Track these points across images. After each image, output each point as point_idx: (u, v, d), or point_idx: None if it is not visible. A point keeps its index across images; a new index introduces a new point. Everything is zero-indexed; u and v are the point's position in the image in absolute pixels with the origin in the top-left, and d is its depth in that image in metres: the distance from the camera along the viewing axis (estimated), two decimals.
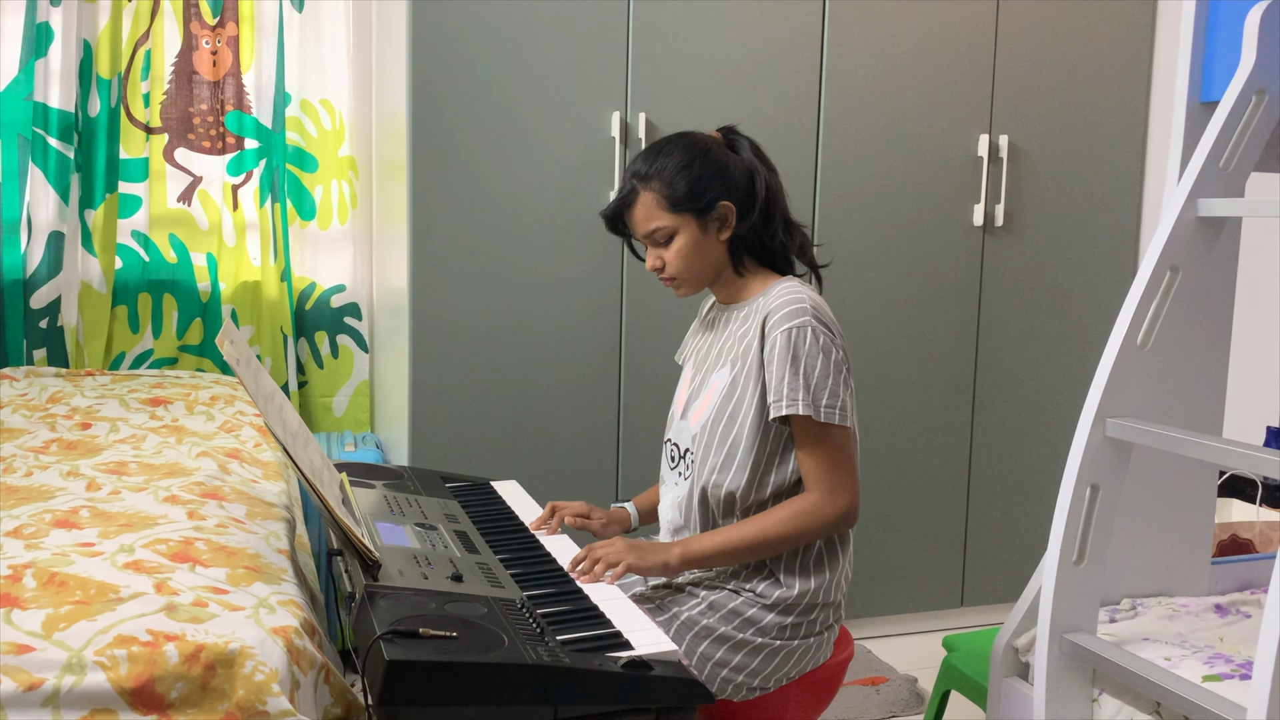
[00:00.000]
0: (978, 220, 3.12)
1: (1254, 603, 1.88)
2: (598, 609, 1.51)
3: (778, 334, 1.69)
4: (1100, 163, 3.24)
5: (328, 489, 1.57)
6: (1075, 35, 3.16)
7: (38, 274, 2.91)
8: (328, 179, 3.18)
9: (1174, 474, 1.88)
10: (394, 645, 1.25)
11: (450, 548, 1.68)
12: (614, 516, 1.98)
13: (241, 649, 1.32)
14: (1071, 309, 3.27)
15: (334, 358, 3.23)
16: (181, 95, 3.05)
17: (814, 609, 1.76)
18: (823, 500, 1.70)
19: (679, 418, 1.88)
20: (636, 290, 2.83)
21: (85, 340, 2.99)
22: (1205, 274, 1.81)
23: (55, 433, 2.30)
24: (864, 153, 3.01)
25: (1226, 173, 1.65)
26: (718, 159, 1.76)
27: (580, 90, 2.74)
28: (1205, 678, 1.53)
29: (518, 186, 2.72)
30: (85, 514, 1.74)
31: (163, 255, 3.07)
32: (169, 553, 1.57)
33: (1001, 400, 3.23)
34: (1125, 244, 3.29)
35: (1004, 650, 1.81)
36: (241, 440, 2.37)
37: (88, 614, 1.34)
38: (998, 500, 3.27)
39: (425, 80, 2.62)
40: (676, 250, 1.77)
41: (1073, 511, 1.59)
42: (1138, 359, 1.61)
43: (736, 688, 1.73)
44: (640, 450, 2.87)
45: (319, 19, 3.12)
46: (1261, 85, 1.63)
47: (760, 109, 2.89)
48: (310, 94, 3.14)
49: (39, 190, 2.89)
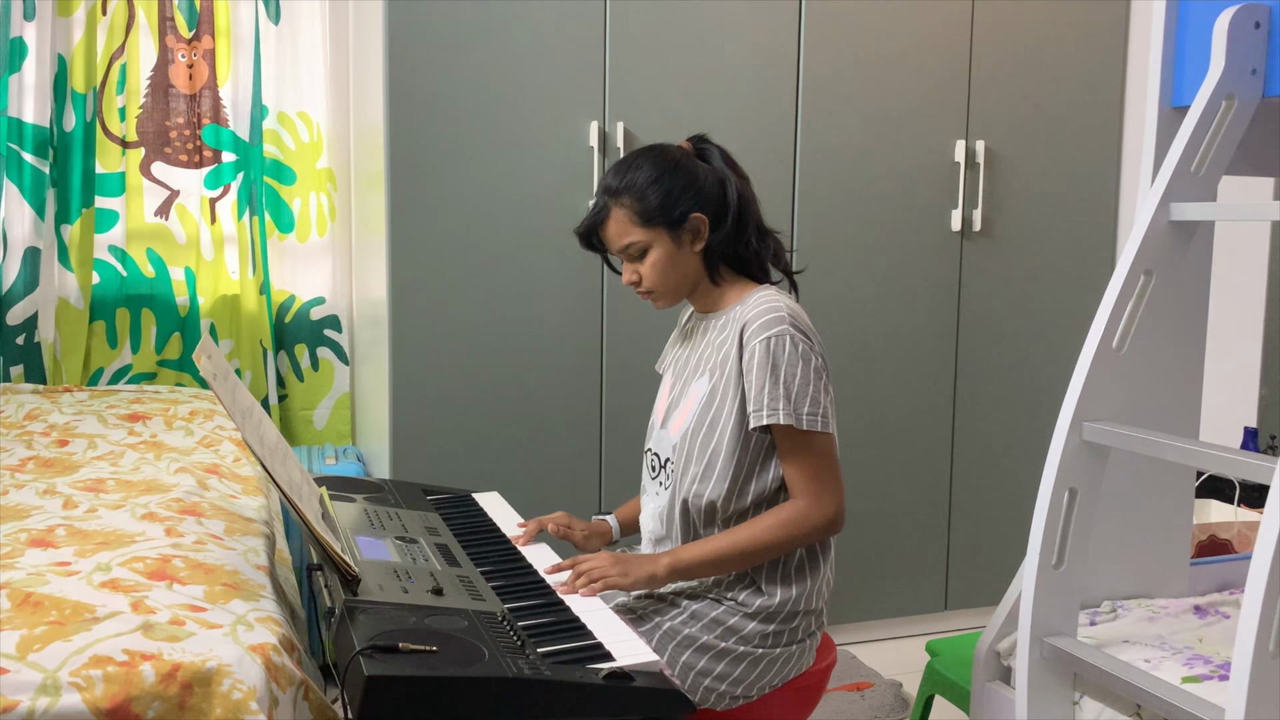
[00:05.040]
0: (955, 225, 3.13)
1: (1233, 603, 1.89)
2: (579, 620, 1.51)
3: (756, 343, 1.69)
4: (1076, 167, 3.26)
5: (307, 504, 1.56)
6: (1050, 41, 3.18)
7: (14, 290, 2.89)
8: (306, 191, 3.17)
9: (1152, 476, 1.89)
10: (373, 660, 1.25)
11: (431, 561, 1.68)
12: (595, 529, 1.98)
13: (219, 667, 1.31)
14: (1049, 312, 3.29)
15: (314, 370, 3.22)
16: (158, 109, 3.04)
17: (796, 616, 1.76)
18: (809, 507, 1.70)
19: (659, 427, 1.88)
20: (616, 300, 2.84)
21: (63, 356, 2.97)
22: (1179, 277, 1.82)
23: (32, 450, 2.28)
24: (842, 159, 3.02)
25: (1198, 177, 1.66)
26: (688, 170, 1.76)
27: (558, 100, 2.74)
28: (1185, 679, 1.54)
29: (496, 197, 2.72)
30: (62, 532, 1.73)
31: (140, 270, 3.06)
32: (146, 571, 1.56)
33: (982, 404, 3.25)
34: (1102, 247, 3.32)
35: (986, 654, 1.81)
36: (221, 455, 2.36)
37: (63, 634, 1.33)
38: (979, 504, 3.28)
39: (403, 91, 2.62)
40: (651, 264, 1.77)
41: (1051, 515, 1.59)
42: (1113, 363, 1.62)
43: (719, 696, 1.73)
44: (622, 460, 2.87)
45: (295, 31, 3.11)
46: (1231, 90, 1.64)
47: (738, 117, 2.90)
48: (287, 106, 3.13)
49: (14, 206, 2.87)
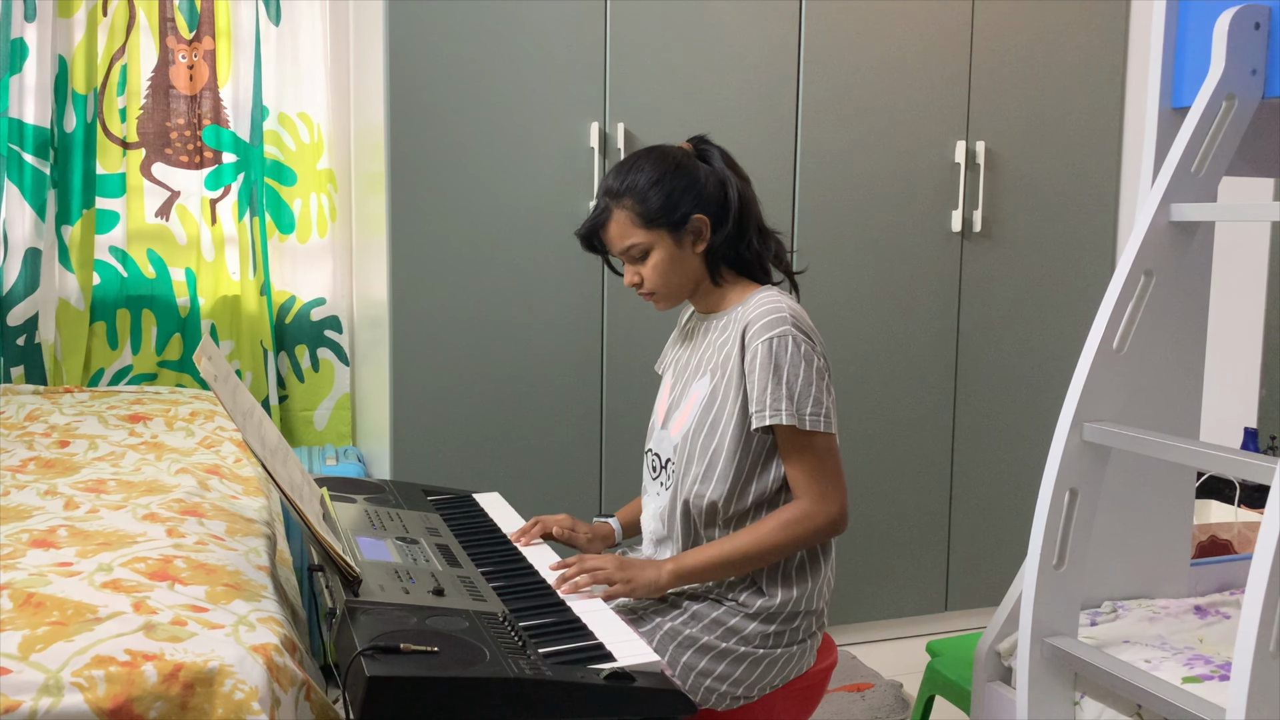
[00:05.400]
0: (955, 226, 3.14)
1: (1233, 603, 1.89)
2: (580, 621, 1.51)
3: (758, 344, 1.69)
4: (1076, 168, 3.26)
5: (308, 505, 1.56)
6: (1050, 42, 3.19)
7: (14, 291, 2.89)
8: (306, 192, 3.17)
9: (1152, 476, 1.89)
10: (375, 661, 1.25)
11: (432, 561, 1.68)
12: (598, 532, 1.98)
13: (221, 667, 1.31)
14: (1050, 313, 3.29)
15: (314, 371, 3.22)
16: (158, 110, 3.04)
17: (797, 617, 1.76)
18: (813, 507, 1.70)
19: (659, 428, 1.88)
20: (617, 300, 2.84)
21: (63, 357, 2.97)
22: (1179, 278, 1.82)
23: (33, 451, 2.28)
24: (842, 160, 3.02)
25: (1198, 178, 1.66)
26: (689, 172, 1.76)
27: (559, 101, 2.74)
28: (1185, 679, 1.54)
29: (497, 198, 2.72)
30: (63, 533, 1.73)
31: (141, 271, 3.06)
32: (148, 571, 1.57)
33: (982, 405, 3.25)
34: (1102, 248, 3.32)
35: (986, 655, 1.81)
36: (221, 456, 2.36)
37: (65, 635, 1.34)
38: (980, 504, 3.28)
39: (403, 92, 2.62)
40: (653, 266, 1.77)
41: (1052, 516, 1.59)
42: (1114, 363, 1.62)
43: (720, 697, 1.73)
44: (622, 460, 2.87)
45: (296, 32, 3.11)
46: (1231, 91, 1.64)
47: (739, 117, 2.90)
48: (288, 107, 3.13)
49: (15, 207, 2.87)
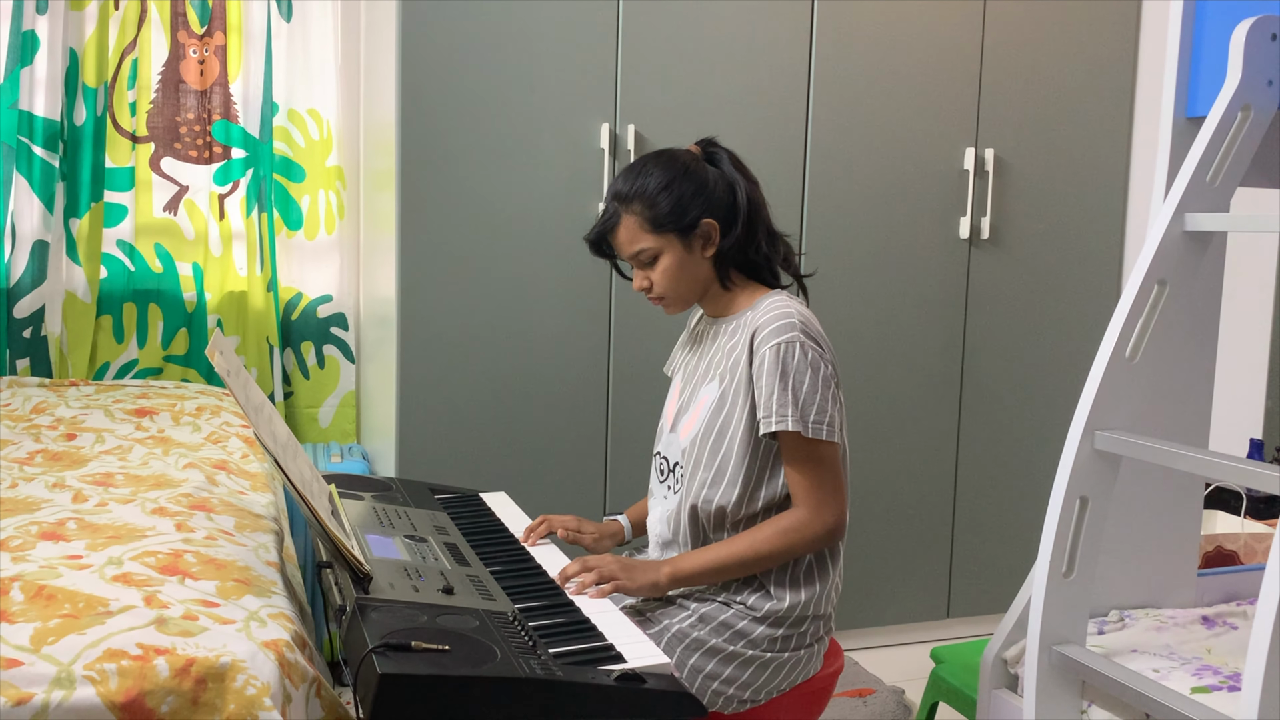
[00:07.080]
0: (964, 233, 3.14)
1: (1240, 614, 1.89)
2: (590, 622, 1.51)
3: (766, 349, 1.69)
4: (1085, 176, 3.26)
5: (318, 501, 1.56)
6: (1060, 49, 3.19)
7: (21, 283, 2.89)
8: (315, 189, 3.17)
9: (1161, 486, 1.89)
10: (387, 658, 1.25)
11: (441, 560, 1.68)
12: (606, 530, 1.97)
13: (233, 663, 1.31)
14: (1056, 321, 3.29)
15: (320, 368, 3.22)
16: (168, 104, 3.04)
17: (804, 621, 1.76)
18: (809, 517, 1.70)
19: (668, 431, 1.88)
20: (625, 301, 2.84)
21: (69, 350, 2.97)
22: (1192, 288, 1.82)
23: (40, 444, 2.28)
24: (851, 165, 3.02)
25: (1213, 188, 1.66)
26: (698, 175, 1.76)
27: (570, 102, 2.74)
28: (1194, 689, 1.54)
29: (506, 197, 2.72)
30: (72, 526, 1.73)
31: (148, 265, 3.06)
32: (158, 565, 1.56)
33: (987, 412, 3.25)
34: (1110, 256, 3.32)
35: (993, 662, 1.81)
36: (229, 451, 2.35)
37: (77, 627, 1.33)
38: (983, 512, 3.28)
39: (414, 90, 2.62)
40: (662, 270, 1.77)
41: (1062, 524, 1.59)
42: (1126, 372, 1.62)
43: (727, 700, 1.73)
44: (628, 462, 2.87)
45: (307, 29, 3.11)
46: (1247, 101, 1.64)
47: (748, 121, 2.90)
48: (298, 104, 3.13)
49: (23, 199, 2.87)
